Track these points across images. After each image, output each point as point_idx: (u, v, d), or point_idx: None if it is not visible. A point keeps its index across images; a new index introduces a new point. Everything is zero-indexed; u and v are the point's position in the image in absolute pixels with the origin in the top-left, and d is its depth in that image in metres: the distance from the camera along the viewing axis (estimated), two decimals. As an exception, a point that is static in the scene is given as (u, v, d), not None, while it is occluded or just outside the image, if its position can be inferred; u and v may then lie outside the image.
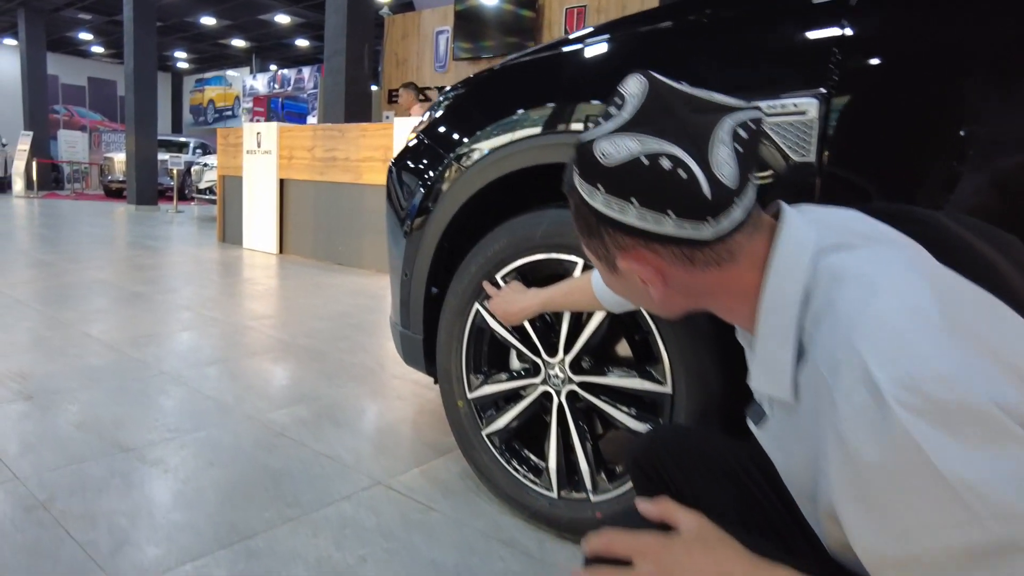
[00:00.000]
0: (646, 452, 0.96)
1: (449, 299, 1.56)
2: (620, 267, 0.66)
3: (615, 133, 0.60)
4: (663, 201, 0.58)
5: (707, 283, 0.64)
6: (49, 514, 1.40)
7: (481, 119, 1.50)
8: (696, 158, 0.57)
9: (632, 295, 0.72)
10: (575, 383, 1.36)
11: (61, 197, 12.91)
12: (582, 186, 0.63)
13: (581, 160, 0.62)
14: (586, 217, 0.64)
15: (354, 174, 5.26)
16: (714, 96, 0.62)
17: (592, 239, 0.66)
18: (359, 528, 1.43)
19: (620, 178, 0.59)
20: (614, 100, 0.63)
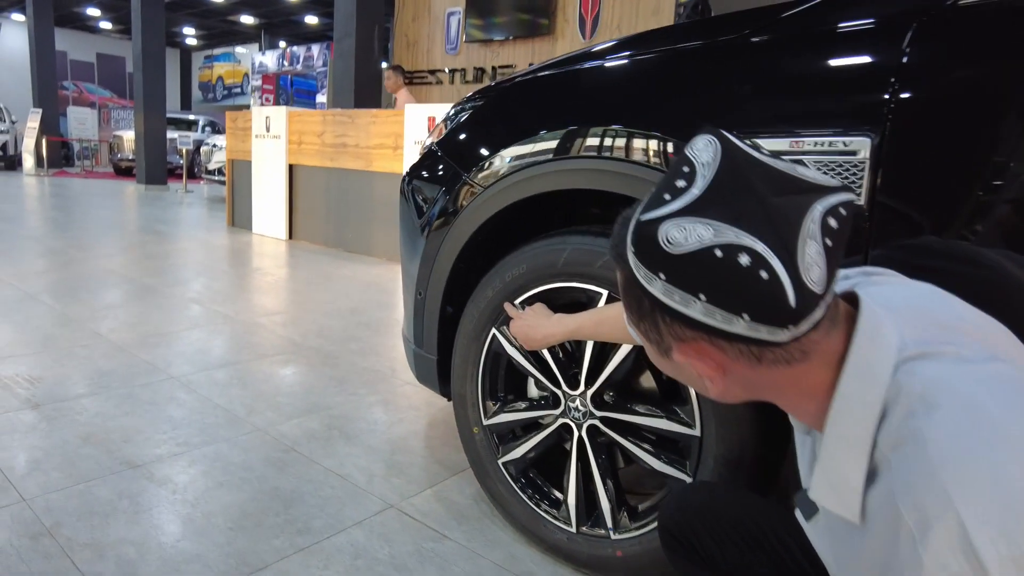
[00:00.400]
0: (677, 521, 0.90)
1: (464, 322, 1.50)
2: (675, 358, 0.59)
3: (683, 215, 0.52)
4: (738, 303, 0.51)
5: (773, 379, 0.58)
6: (56, 542, 1.37)
7: (501, 137, 1.42)
8: (781, 257, 0.50)
9: (684, 379, 0.66)
10: (597, 418, 1.31)
11: (71, 175, 12.90)
12: (638, 269, 0.56)
13: (640, 241, 0.55)
14: (638, 298, 0.57)
15: (364, 161, 5.19)
16: (799, 172, 0.54)
17: (644, 322, 0.59)
18: (371, 560, 1.39)
19: (687, 270, 0.52)
20: (680, 168, 0.56)
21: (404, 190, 1.69)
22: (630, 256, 0.56)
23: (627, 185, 1.19)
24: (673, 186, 0.55)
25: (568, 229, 1.33)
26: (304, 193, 5.84)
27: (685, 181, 0.54)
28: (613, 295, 1.24)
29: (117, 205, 8.03)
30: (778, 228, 0.50)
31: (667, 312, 0.55)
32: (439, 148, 1.59)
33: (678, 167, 0.56)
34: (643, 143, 1.16)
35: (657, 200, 0.55)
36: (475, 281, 1.53)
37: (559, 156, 1.29)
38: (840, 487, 0.56)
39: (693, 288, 0.52)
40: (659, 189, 0.56)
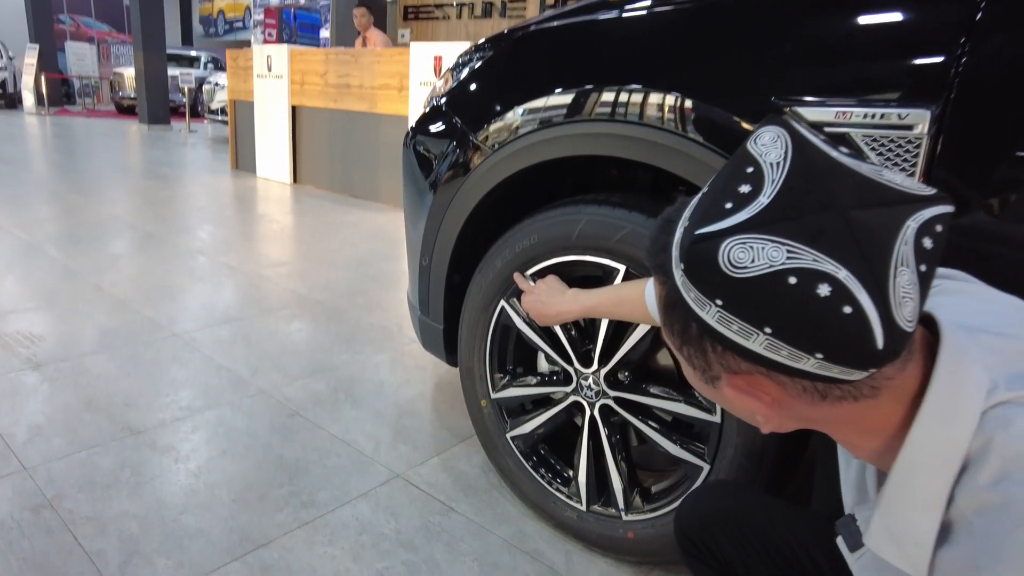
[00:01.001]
0: (696, 527, 0.85)
1: (472, 293, 1.42)
2: (724, 390, 0.51)
3: (749, 231, 0.43)
4: (811, 341, 0.43)
5: (833, 415, 0.50)
6: (57, 516, 1.35)
7: (512, 94, 1.30)
8: (869, 289, 0.41)
9: (729, 409, 0.58)
10: (610, 398, 1.24)
11: (73, 114, 12.67)
12: (688, 290, 0.46)
13: (694, 260, 0.45)
14: (684, 321, 0.49)
15: (369, 102, 5.00)
16: (885, 177, 0.44)
17: (688, 347, 0.50)
18: (377, 535, 1.37)
19: (752, 298, 0.43)
20: (742, 168, 0.46)
21: (407, 151, 1.58)
22: (678, 274, 0.47)
23: (652, 154, 1.08)
24: (735, 192, 0.45)
25: (584, 197, 1.23)
26: (308, 136, 5.68)
27: (750, 186, 0.45)
28: (632, 271, 1.15)
29: (119, 147, 7.89)
30: (866, 251, 0.41)
31: (720, 342, 0.47)
32: (444, 104, 1.47)
33: (740, 167, 0.46)
34: (670, 107, 1.05)
35: (715, 209, 0.45)
36: (484, 247, 1.44)
37: (575, 118, 1.17)
38: (904, 541, 0.49)
39: (757, 320, 0.44)
40: (716, 194, 0.46)
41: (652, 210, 1.13)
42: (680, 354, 0.53)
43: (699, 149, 1.02)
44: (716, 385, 0.52)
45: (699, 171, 1.03)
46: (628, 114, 1.10)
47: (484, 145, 1.34)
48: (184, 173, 6.09)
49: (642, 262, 1.12)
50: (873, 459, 0.53)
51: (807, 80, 0.93)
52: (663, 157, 1.07)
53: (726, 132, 0.99)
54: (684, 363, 0.54)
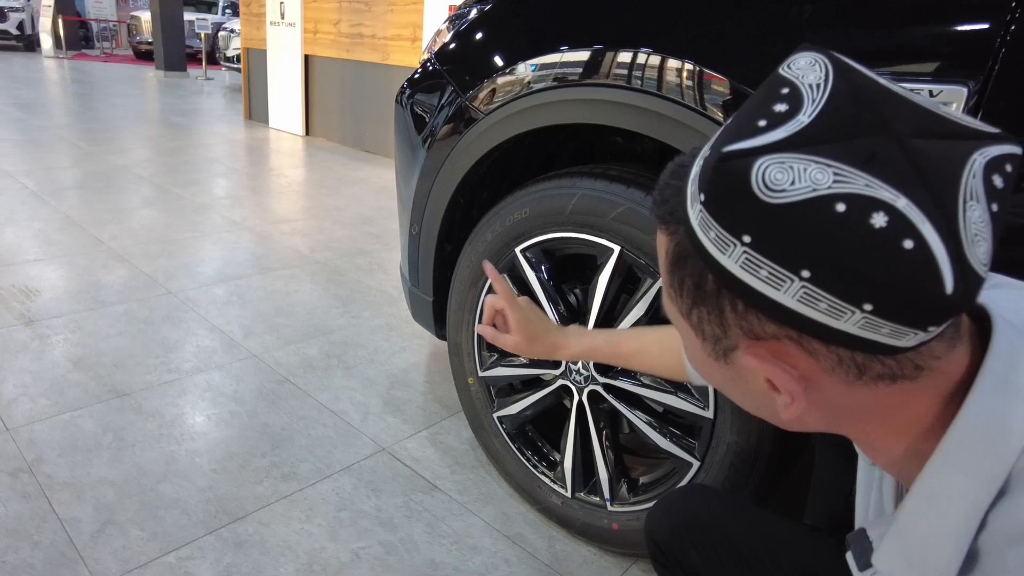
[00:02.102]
0: (665, 537, 0.78)
1: (461, 266, 1.34)
2: (739, 360, 0.43)
3: (788, 149, 0.35)
4: (861, 287, 0.34)
5: (864, 403, 0.42)
6: (35, 480, 1.33)
7: (507, 52, 1.20)
8: (936, 222, 0.33)
9: (739, 394, 0.48)
10: (599, 384, 1.17)
11: (91, 58, 12.56)
12: (708, 228, 0.38)
13: (719, 183, 0.37)
14: (699, 273, 0.41)
15: (381, 53, 4.85)
16: (942, 110, 0.36)
17: (700, 308, 0.42)
18: (356, 512, 1.33)
19: (789, 232, 0.35)
20: (777, 89, 0.38)
21: (398, 110, 1.49)
22: (695, 212, 0.39)
23: (657, 126, 0.98)
24: (769, 111, 0.37)
25: (580, 169, 1.14)
26: (321, 86, 5.55)
27: (787, 105, 0.37)
28: (627, 251, 1.07)
29: (134, 94, 7.80)
30: (928, 179, 0.33)
31: (744, 295, 0.38)
32: (437, 61, 1.36)
33: (772, 90, 0.38)
34: (679, 72, 0.94)
35: (746, 127, 0.37)
36: (478, 217, 1.36)
37: (574, 82, 1.07)
38: (921, 566, 0.42)
39: (793, 261, 0.35)
40: (745, 115, 0.38)
41: (652, 187, 1.04)
42: (687, 321, 0.44)
43: (705, 122, 0.92)
44: (729, 359, 0.43)
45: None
46: (631, 80, 0.99)
47: (475, 108, 1.24)
48: (196, 122, 6.01)
49: (639, 243, 1.04)
50: (895, 467, 0.46)
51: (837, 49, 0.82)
52: (665, 129, 0.97)
53: (738, 103, 0.89)
54: (690, 334, 0.45)
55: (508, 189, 1.32)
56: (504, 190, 1.35)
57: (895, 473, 0.47)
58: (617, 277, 1.09)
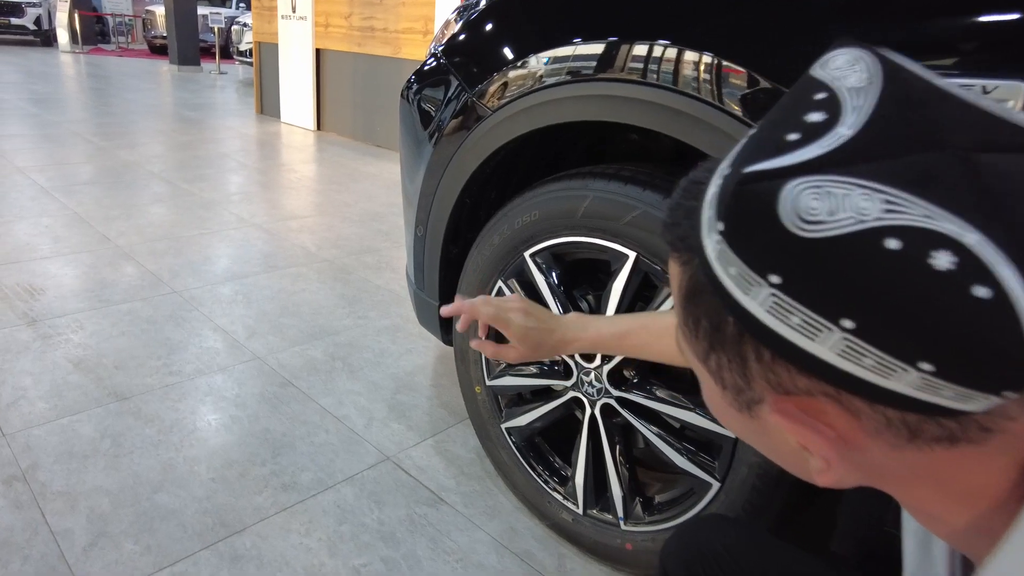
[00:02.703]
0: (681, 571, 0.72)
1: (468, 270, 1.28)
2: (766, 414, 0.36)
3: (824, 170, 0.28)
4: (917, 344, 0.28)
5: (916, 467, 0.34)
6: (29, 489, 1.29)
7: (520, 44, 1.13)
8: (1018, 261, 0.26)
9: (765, 447, 0.41)
10: (613, 397, 1.11)
11: (106, 53, 12.63)
12: (726, 263, 0.32)
13: (740, 209, 0.30)
14: (716, 314, 0.34)
15: (393, 47, 4.79)
16: (1007, 113, 0.29)
17: (719, 354, 0.35)
18: (358, 526, 1.28)
19: (828, 273, 0.28)
20: (809, 95, 0.31)
21: (403, 107, 1.42)
22: (712, 242, 0.32)
23: (673, 123, 0.92)
24: (801, 120, 0.30)
25: (592, 170, 1.07)
26: (332, 81, 5.50)
27: (823, 113, 0.30)
28: (643, 257, 1.00)
29: (147, 88, 7.81)
30: (1003, 206, 0.26)
31: (771, 344, 0.32)
32: (444, 56, 1.30)
33: (805, 94, 0.32)
34: (696, 67, 0.87)
35: (773, 141, 0.30)
36: (484, 217, 1.30)
37: (586, 77, 1.00)
38: None
39: (833, 307, 0.29)
40: (772, 126, 0.31)
41: (671, 188, 0.97)
42: (704, 366, 0.37)
43: (728, 120, 0.85)
44: (753, 412, 0.36)
45: (728, 145, 0.86)
46: (647, 75, 0.92)
47: (482, 104, 1.18)
48: (208, 117, 5.99)
49: (657, 249, 0.97)
50: (958, 539, 0.38)
51: (883, 43, 0.74)
52: (685, 128, 0.90)
53: (766, 101, 0.82)
54: (708, 381, 0.38)
55: (516, 189, 1.25)
56: (512, 190, 1.29)
57: (956, 545, 0.40)
58: (632, 285, 1.03)
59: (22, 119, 5.10)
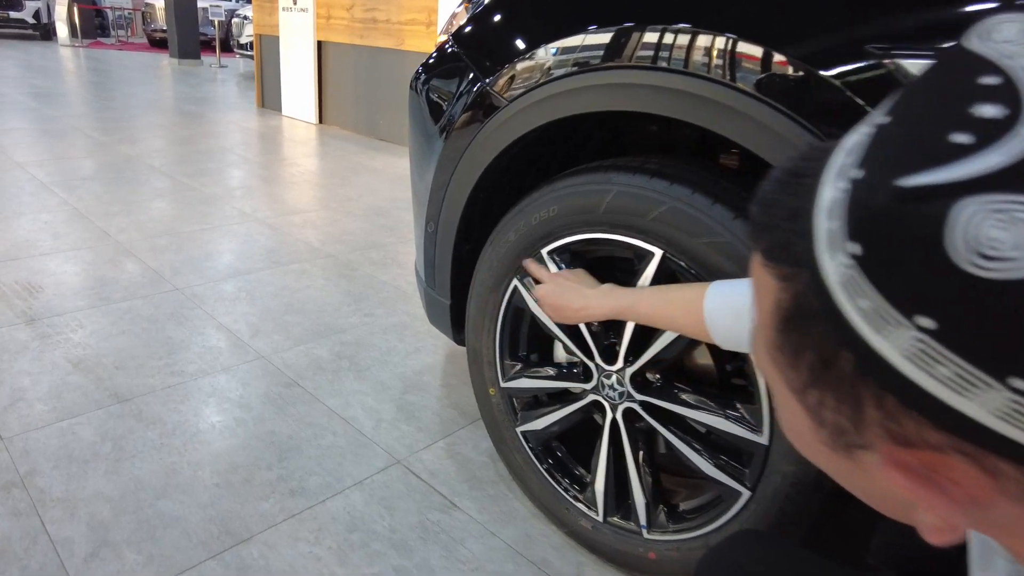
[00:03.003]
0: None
1: (481, 268, 1.23)
2: (869, 460, 0.30)
3: (1012, 187, 0.22)
4: None
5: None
6: (27, 495, 1.25)
7: (532, 31, 1.07)
8: None
9: (852, 484, 0.35)
10: (636, 401, 1.06)
11: (106, 47, 12.54)
12: (855, 290, 0.26)
13: (886, 230, 0.24)
14: (820, 343, 0.28)
15: (396, 39, 4.72)
16: None
17: (821, 388, 0.30)
18: (369, 533, 1.23)
19: (1009, 322, 0.22)
20: (972, 78, 0.24)
21: (413, 96, 1.37)
22: (836, 261, 0.26)
23: (701, 113, 0.86)
24: (967, 115, 0.24)
25: (615, 163, 1.02)
26: (334, 73, 5.44)
27: (1000, 106, 0.23)
28: (670, 255, 0.95)
29: (148, 82, 7.74)
30: None
31: (902, 393, 0.26)
32: (457, 43, 1.24)
33: (966, 76, 0.25)
34: (723, 53, 0.82)
35: (931, 143, 0.24)
36: (498, 214, 1.25)
37: (606, 64, 0.95)
38: None
39: (1004, 363, 0.23)
40: (923, 120, 0.25)
41: (700, 182, 0.92)
42: (798, 399, 0.32)
43: (761, 108, 0.80)
44: (854, 456, 0.31)
45: (761, 136, 0.81)
46: (672, 61, 0.87)
47: (498, 94, 1.12)
48: (209, 111, 5.93)
49: (684, 246, 0.92)
50: None
51: (920, 21, 0.69)
52: (715, 117, 0.85)
53: (798, 87, 0.77)
54: (798, 413, 0.33)
55: (531, 183, 1.20)
56: (526, 184, 1.24)
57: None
58: (658, 284, 0.97)
59: (21, 113, 5.04)
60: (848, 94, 0.73)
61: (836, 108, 0.74)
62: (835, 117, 0.75)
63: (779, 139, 0.79)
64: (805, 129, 0.77)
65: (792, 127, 0.78)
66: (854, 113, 0.73)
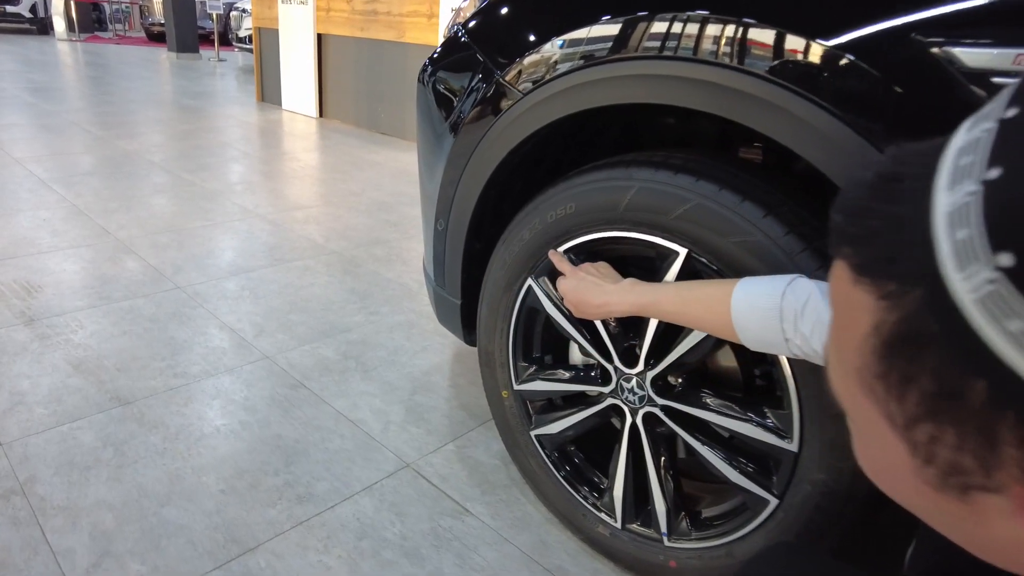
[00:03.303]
0: None
1: (494, 267, 1.19)
2: (989, 504, 0.27)
3: None
4: None
5: None
6: (28, 503, 1.21)
7: (546, 21, 1.03)
8: None
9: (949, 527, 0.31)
10: (657, 406, 1.02)
11: (104, 41, 12.46)
12: (1003, 309, 0.22)
13: None
14: (942, 373, 0.25)
15: (397, 31, 4.66)
16: None
17: (938, 423, 0.26)
18: (380, 540, 1.20)
19: None
20: None
21: (421, 90, 1.32)
22: (973, 279, 0.23)
23: (727, 104, 0.82)
24: None
25: (636, 157, 0.98)
26: (334, 67, 5.38)
27: None
28: (694, 254, 0.91)
29: (146, 76, 7.68)
30: None
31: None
32: (466, 34, 1.20)
33: None
34: (765, 44, 0.78)
35: None
36: (510, 212, 1.21)
37: (624, 54, 0.91)
38: None
39: None
40: None
41: (727, 178, 0.87)
42: (899, 433, 0.28)
43: (798, 102, 0.75)
44: (969, 499, 0.27)
45: (792, 130, 0.77)
46: (693, 51, 0.83)
47: (511, 88, 1.08)
48: (208, 105, 5.87)
49: (711, 246, 0.87)
50: None
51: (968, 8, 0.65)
52: (746, 110, 0.80)
53: (843, 80, 0.72)
54: (894, 446, 0.29)
55: (544, 180, 1.16)
56: (540, 181, 1.19)
57: None
58: (681, 284, 0.93)
59: (19, 109, 4.99)
60: (894, 87, 0.69)
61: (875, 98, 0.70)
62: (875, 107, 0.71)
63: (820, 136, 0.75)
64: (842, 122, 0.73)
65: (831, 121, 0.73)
66: (896, 104, 0.69)
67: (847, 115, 0.72)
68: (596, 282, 0.94)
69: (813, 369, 0.82)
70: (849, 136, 0.72)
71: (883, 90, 0.70)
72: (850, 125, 0.72)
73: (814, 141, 0.76)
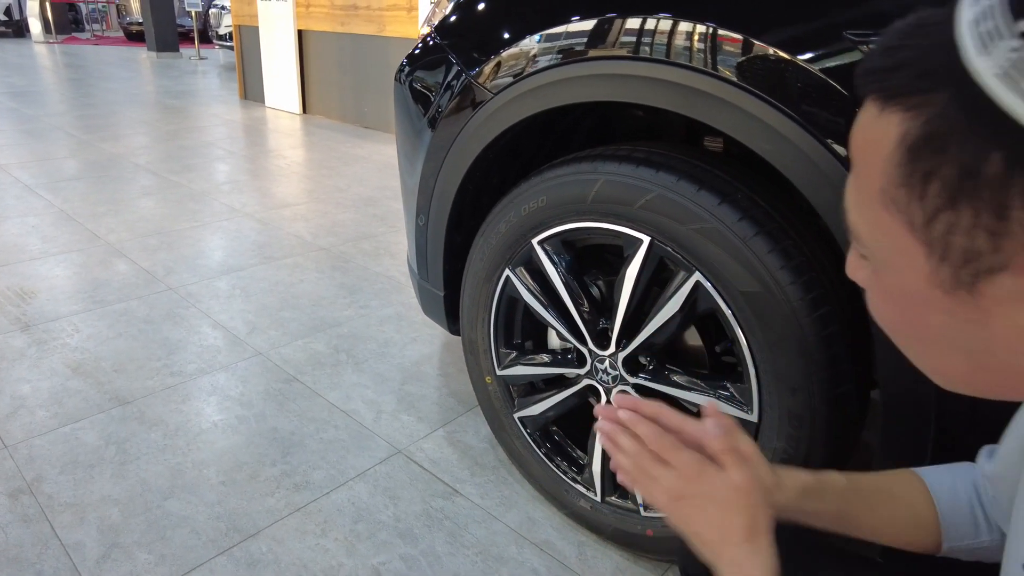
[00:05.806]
0: None
1: (473, 259, 1.25)
2: (993, 290, 0.31)
3: None
4: None
5: None
6: (36, 501, 1.27)
7: (518, 24, 1.08)
8: None
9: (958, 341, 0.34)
10: (629, 384, 1.08)
11: (81, 42, 12.34)
12: (1015, 79, 0.27)
13: None
14: (961, 155, 0.29)
15: (377, 25, 4.67)
16: None
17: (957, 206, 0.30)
18: (374, 524, 1.26)
19: None
20: None
21: (398, 91, 1.37)
22: (993, 59, 0.27)
23: (689, 103, 0.87)
24: None
25: (602, 151, 1.03)
26: (316, 62, 5.38)
27: None
28: (658, 242, 0.96)
29: (127, 77, 7.64)
30: None
31: None
32: (440, 37, 1.24)
33: None
34: (704, 41, 0.83)
35: None
36: (489, 205, 1.26)
37: (591, 55, 0.96)
38: None
39: None
40: None
41: (686, 169, 0.93)
42: (918, 235, 0.32)
43: (747, 98, 0.81)
44: (976, 289, 0.31)
45: (748, 126, 0.82)
46: (654, 51, 0.88)
47: (482, 87, 1.13)
48: (190, 104, 5.86)
49: (672, 233, 0.93)
50: None
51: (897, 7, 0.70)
52: (702, 107, 0.86)
53: (780, 75, 0.78)
54: (909, 257, 0.33)
55: (520, 173, 1.21)
56: (515, 174, 1.25)
57: None
58: (647, 270, 0.99)
59: (0, 114, 4.97)
60: (830, 81, 0.75)
61: (816, 94, 0.76)
62: (817, 103, 0.76)
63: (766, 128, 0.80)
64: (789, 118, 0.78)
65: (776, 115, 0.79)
66: (836, 100, 0.74)
67: (795, 111, 0.78)
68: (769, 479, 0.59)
69: (770, 344, 0.88)
70: (794, 130, 0.78)
71: (823, 86, 0.75)
72: (795, 120, 0.78)
73: (763, 135, 0.81)
